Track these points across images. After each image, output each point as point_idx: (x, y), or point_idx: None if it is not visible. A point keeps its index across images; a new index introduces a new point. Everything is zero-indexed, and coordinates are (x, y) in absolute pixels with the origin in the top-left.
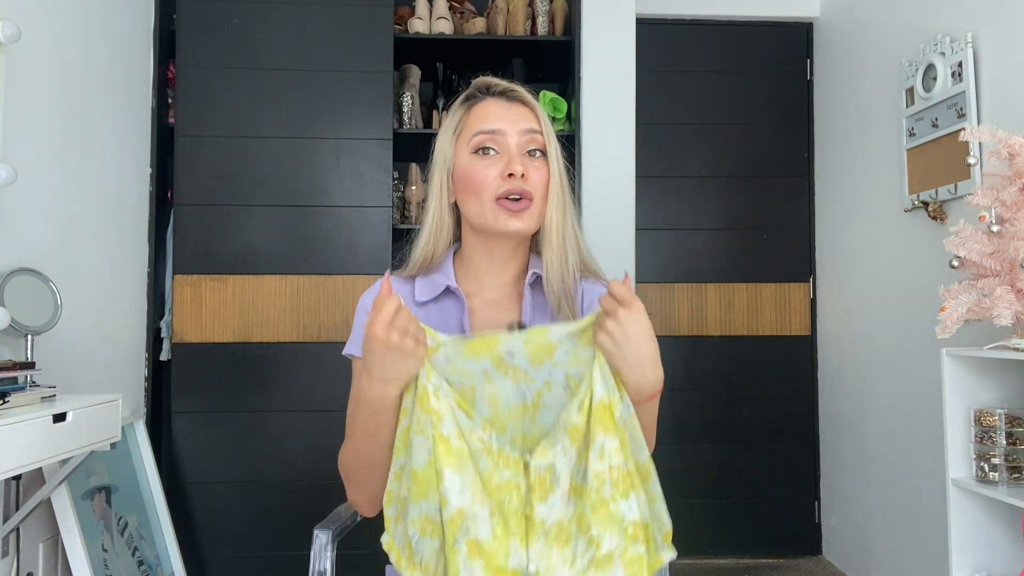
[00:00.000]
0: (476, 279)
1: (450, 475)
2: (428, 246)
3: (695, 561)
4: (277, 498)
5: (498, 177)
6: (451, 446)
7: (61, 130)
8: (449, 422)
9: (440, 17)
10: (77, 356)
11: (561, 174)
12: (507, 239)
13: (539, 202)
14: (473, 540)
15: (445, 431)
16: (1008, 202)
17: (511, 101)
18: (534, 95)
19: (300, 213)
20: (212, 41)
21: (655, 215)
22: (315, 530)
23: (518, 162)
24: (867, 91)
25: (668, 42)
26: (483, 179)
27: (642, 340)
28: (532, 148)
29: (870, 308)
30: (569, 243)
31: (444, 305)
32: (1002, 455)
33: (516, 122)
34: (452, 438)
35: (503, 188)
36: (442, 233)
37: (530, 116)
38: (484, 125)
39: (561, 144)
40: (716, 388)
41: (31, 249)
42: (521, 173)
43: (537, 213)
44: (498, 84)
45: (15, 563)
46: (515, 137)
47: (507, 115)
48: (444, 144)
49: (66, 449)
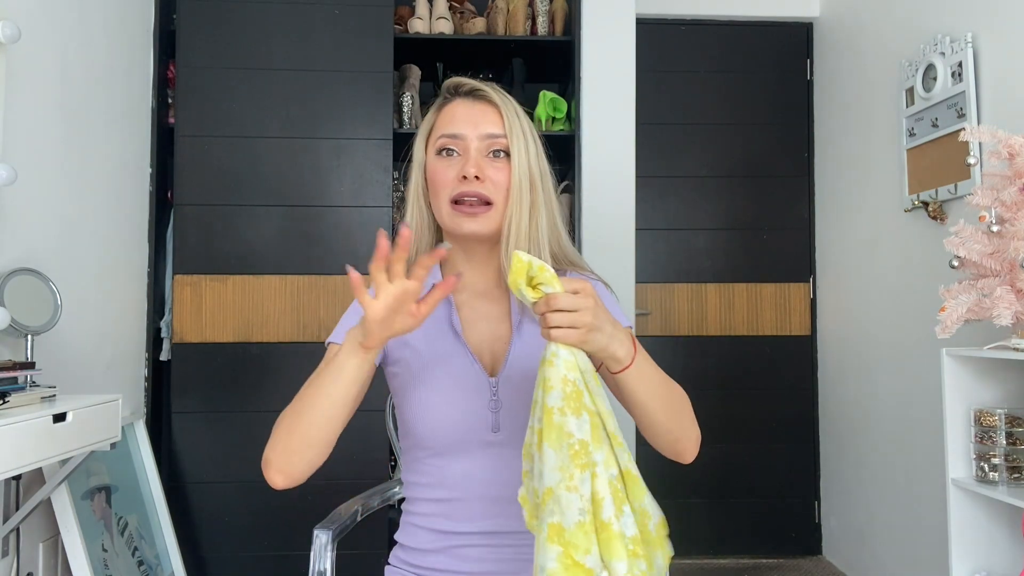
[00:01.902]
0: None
1: (548, 450)
2: (411, 249)
3: (695, 561)
4: (277, 498)
5: (455, 179)
6: (553, 420)
7: (61, 130)
8: (557, 394)
9: (440, 17)
10: (77, 356)
11: (531, 174)
12: (476, 241)
13: (500, 204)
14: (557, 524)
15: (551, 402)
16: (1008, 202)
17: (477, 101)
18: (506, 93)
19: (300, 213)
20: (212, 41)
21: (655, 215)
22: (315, 530)
23: (472, 164)
24: (867, 91)
25: (668, 42)
26: (442, 181)
27: (605, 310)
28: (495, 149)
29: (870, 308)
30: (537, 242)
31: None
32: (1002, 455)
33: (478, 124)
34: (555, 412)
35: (457, 190)
36: (423, 233)
37: (494, 117)
38: (447, 128)
39: (544, 141)
40: (716, 388)
41: (31, 249)
42: (475, 175)
43: (497, 215)
44: (465, 84)
45: (15, 563)
46: (475, 140)
47: (470, 117)
48: (418, 145)
49: (66, 449)
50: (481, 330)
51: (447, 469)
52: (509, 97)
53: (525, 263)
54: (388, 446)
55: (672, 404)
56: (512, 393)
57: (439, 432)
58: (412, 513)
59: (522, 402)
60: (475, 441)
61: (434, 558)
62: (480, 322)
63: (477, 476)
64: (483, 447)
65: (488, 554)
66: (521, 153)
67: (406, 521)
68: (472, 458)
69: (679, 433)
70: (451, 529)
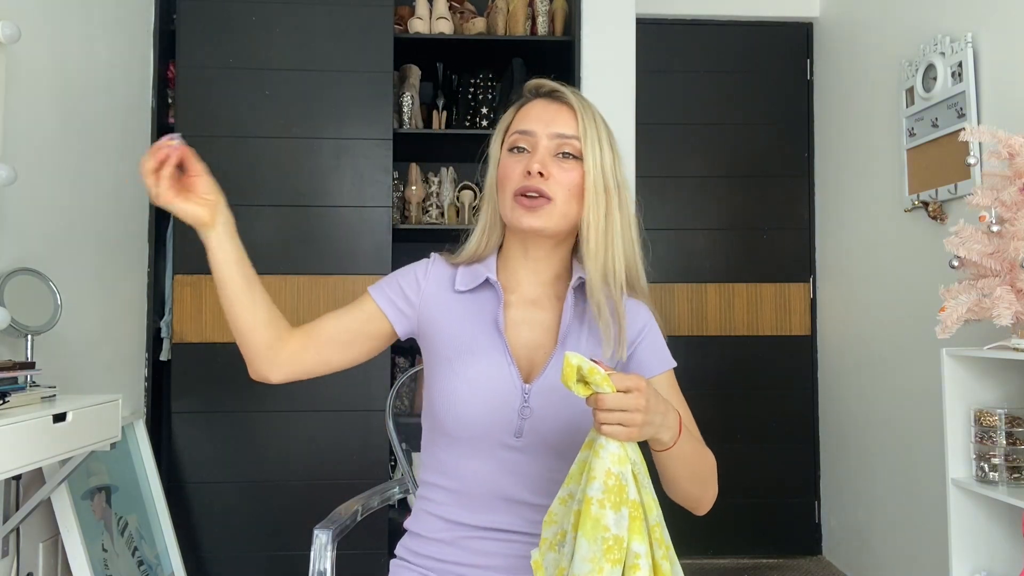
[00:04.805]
0: (514, 276)
1: (582, 539)
2: (480, 242)
3: (695, 561)
4: (277, 498)
5: (521, 174)
6: (591, 511)
7: (61, 130)
8: (598, 485)
9: (440, 17)
10: (77, 356)
11: (605, 180)
12: (535, 238)
13: (561, 203)
14: None
15: (592, 492)
16: (1008, 202)
17: (554, 102)
18: (583, 96)
19: (300, 213)
20: (212, 41)
21: (655, 215)
22: (315, 530)
23: (537, 161)
24: (867, 91)
25: (668, 42)
26: (508, 175)
27: (658, 400)
28: (564, 151)
29: (870, 308)
30: (615, 249)
31: (482, 296)
32: (1002, 455)
33: (550, 124)
34: (594, 503)
35: (521, 184)
36: (494, 230)
37: (568, 118)
38: (521, 125)
39: (617, 150)
40: (716, 388)
41: (31, 249)
42: (539, 171)
43: (558, 213)
44: (545, 85)
45: (15, 563)
46: (545, 139)
47: (544, 116)
48: (494, 143)
49: (66, 449)
50: (524, 335)
51: (461, 461)
52: (590, 103)
53: (574, 366)
54: (388, 446)
55: (701, 476)
56: (543, 404)
57: (461, 424)
58: (426, 499)
59: (551, 415)
60: (495, 442)
61: (442, 548)
62: (524, 326)
63: (490, 474)
64: (502, 449)
65: (497, 548)
66: (596, 157)
67: (419, 508)
68: (489, 457)
69: (699, 495)
70: (463, 520)
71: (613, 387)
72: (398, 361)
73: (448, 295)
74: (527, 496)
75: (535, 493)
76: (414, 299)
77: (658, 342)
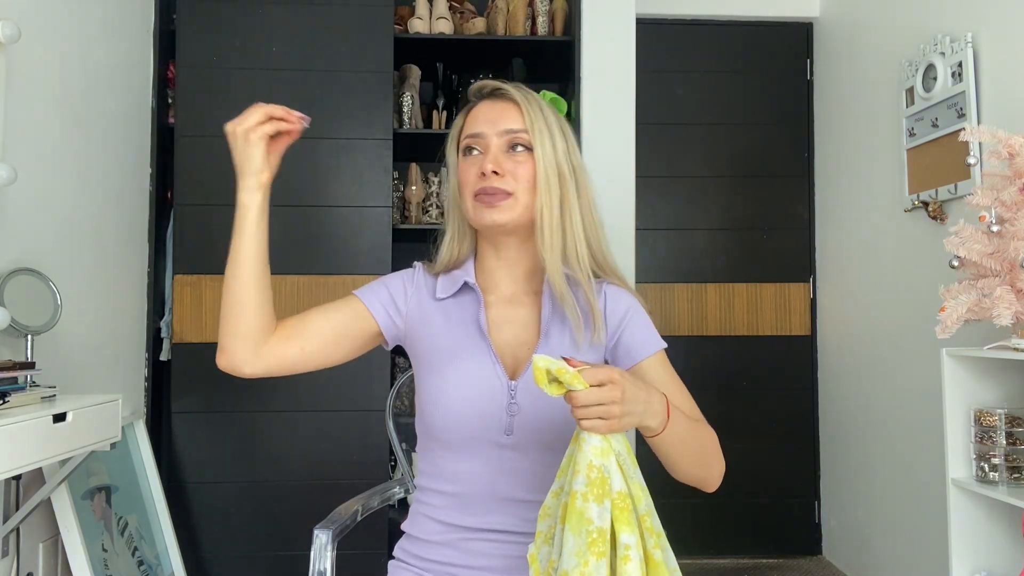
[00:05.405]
0: (492, 277)
1: (568, 533)
2: (452, 249)
3: (695, 561)
4: (277, 498)
5: (476, 176)
6: (576, 504)
7: (61, 130)
8: (582, 479)
9: (440, 17)
10: (77, 356)
11: (559, 167)
12: (503, 236)
13: (522, 194)
14: None
15: (576, 486)
16: (1008, 202)
17: (498, 100)
18: (527, 89)
19: (300, 213)
20: (212, 41)
21: (655, 215)
22: (315, 530)
23: (490, 161)
24: (867, 91)
25: (668, 42)
26: (466, 178)
27: (636, 388)
28: (514, 144)
29: (870, 308)
30: (575, 233)
31: (462, 300)
32: (1002, 455)
33: (497, 122)
34: (578, 496)
35: (479, 185)
36: (464, 237)
37: (514, 114)
38: (470, 129)
39: (569, 135)
40: (716, 388)
41: (31, 249)
42: (493, 171)
43: (520, 205)
44: (487, 86)
45: (15, 563)
46: (495, 137)
47: (490, 116)
48: (449, 151)
49: (66, 449)
50: (507, 333)
51: (456, 464)
52: (533, 94)
53: (543, 369)
54: (388, 446)
55: (701, 455)
56: (530, 399)
57: (452, 426)
58: (422, 503)
59: (539, 410)
60: (487, 441)
61: (440, 550)
62: (506, 325)
63: (484, 475)
64: (494, 448)
65: (494, 550)
66: (546, 146)
67: (416, 511)
68: (481, 457)
69: (704, 474)
70: (459, 523)
71: (585, 383)
72: (398, 361)
73: (431, 303)
74: (522, 493)
75: (529, 490)
76: (403, 308)
77: (643, 324)
